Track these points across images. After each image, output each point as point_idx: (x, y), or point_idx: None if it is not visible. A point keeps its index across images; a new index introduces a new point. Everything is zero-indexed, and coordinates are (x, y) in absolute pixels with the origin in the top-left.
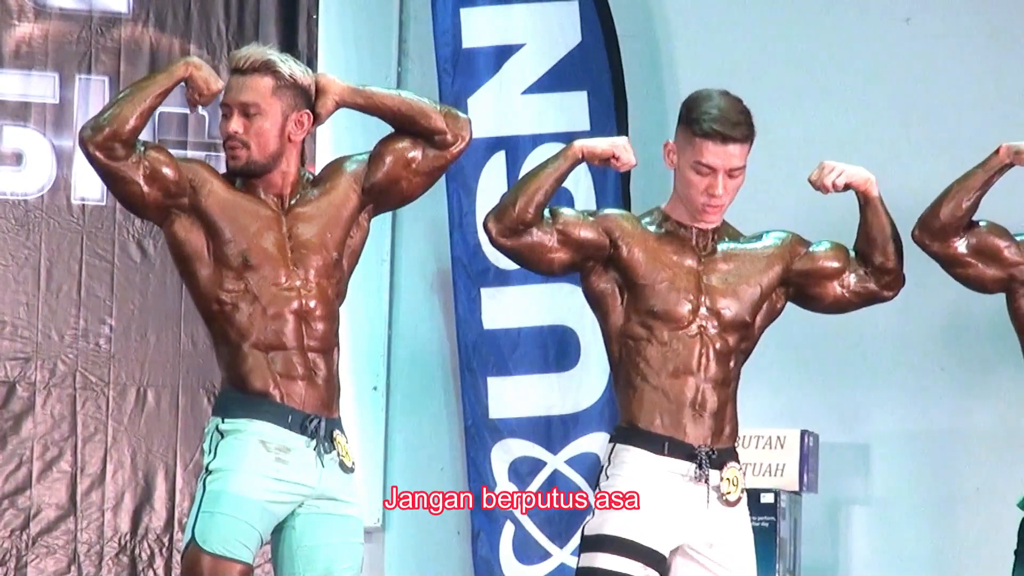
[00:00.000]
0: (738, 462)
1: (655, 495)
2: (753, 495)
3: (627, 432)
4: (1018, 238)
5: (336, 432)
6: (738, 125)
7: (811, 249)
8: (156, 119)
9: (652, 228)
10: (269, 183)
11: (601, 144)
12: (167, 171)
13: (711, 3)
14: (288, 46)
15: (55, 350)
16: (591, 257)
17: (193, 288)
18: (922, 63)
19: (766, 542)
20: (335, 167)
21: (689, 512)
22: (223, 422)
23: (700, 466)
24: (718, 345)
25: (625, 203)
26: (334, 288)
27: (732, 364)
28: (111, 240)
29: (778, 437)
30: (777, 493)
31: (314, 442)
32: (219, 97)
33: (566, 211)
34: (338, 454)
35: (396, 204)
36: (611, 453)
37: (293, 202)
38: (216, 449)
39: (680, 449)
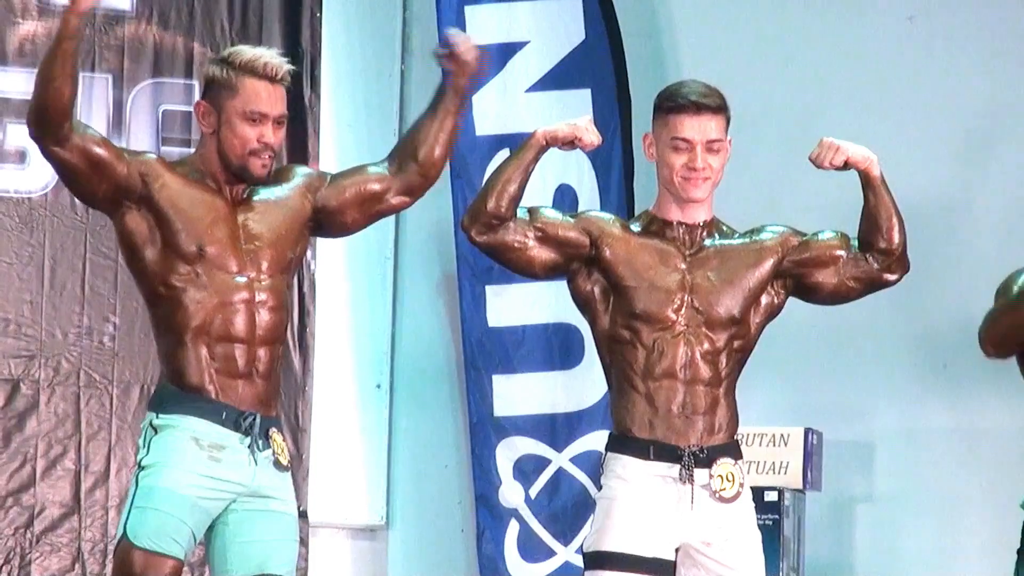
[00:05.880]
0: (734, 457)
1: (645, 501)
2: (757, 493)
3: (617, 440)
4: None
5: (272, 430)
6: (709, 96)
7: (807, 238)
8: (160, 116)
9: (637, 229)
10: (238, 180)
11: (563, 128)
12: (113, 164)
13: (715, 1)
14: (291, 44)
15: (59, 348)
16: (573, 257)
17: (140, 271)
18: (925, 61)
19: (770, 540)
20: (288, 173)
21: (677, 514)
22: (157, 417)
23: (685, 467)
24: (705, 345)
25: (628, 202)
26: (286, 284)
27: (724, 363)
28: (115, 238)
29: (782, 435)
30: (781, 491)
31: (248, 439)
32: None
33: (546, 210)
34: (273, 452)
35: (330, 234)
36: (603, 462)
37: (245, 196)
38: (149, 445)
39: (666, 452)
